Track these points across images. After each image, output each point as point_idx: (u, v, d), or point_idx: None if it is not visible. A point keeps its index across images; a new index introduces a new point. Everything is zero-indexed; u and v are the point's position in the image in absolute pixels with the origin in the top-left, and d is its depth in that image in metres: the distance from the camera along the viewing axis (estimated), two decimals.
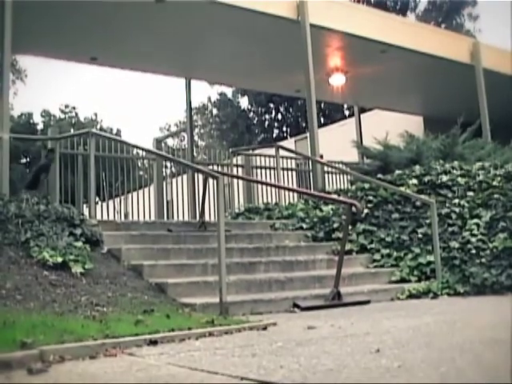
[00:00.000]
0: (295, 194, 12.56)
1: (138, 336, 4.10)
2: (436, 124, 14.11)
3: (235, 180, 12.49)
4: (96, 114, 42.95)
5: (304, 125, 29.97)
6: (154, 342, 4.05)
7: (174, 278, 6.37)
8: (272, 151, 12.05)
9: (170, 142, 38.55)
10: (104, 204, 11.78)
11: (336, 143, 16.35)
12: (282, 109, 34.83)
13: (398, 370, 2.97)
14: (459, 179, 9.11)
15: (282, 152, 11.94)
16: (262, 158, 13.37)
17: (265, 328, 4.78)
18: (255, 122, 35.57)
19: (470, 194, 8.81)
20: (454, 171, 9.35)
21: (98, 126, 39.61)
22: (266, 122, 35.46)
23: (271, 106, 34.23)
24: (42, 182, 10.20)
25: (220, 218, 5.93)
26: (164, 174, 13.88)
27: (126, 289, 5.94)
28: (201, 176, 10.82)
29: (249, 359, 3.45)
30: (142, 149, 11.09)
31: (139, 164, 16.54)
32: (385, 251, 8.38)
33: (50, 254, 5.97)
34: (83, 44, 11.77)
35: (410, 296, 7.24)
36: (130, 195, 12.81)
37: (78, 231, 6.69)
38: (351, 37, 12.25)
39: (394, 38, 12.89)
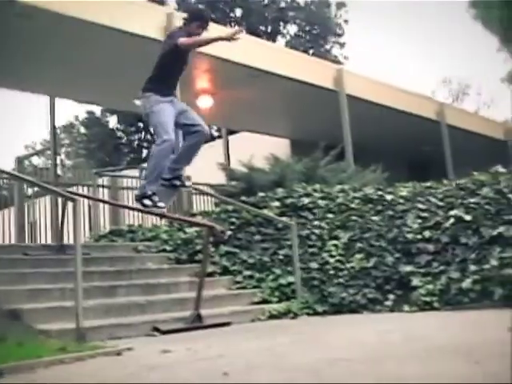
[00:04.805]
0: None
1: None
2: (302, 147, 14.42)
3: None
4: None
5: None
6: None
7: (30, 304, 6.14)
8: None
9: (37, 160, 37.31)
10: None
11: (205, 164, 16.38)
12: (151, 129, 34.52)
13: None
14: (320, 201, 9.30)
15: None
16: (129, 180, 13.22)
17: (119, 353, 4.70)
18: (124, 141, 35.06)
19: (330, 215, 9.01)
20: (315, 194, 9.52)
21: None
22: (136, 142, 35.04)
23: (140, 125, 33.86)
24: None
25: (77, 241, 5.80)
26: (28, 193, 13.40)
27: None
28: None
29: None
30: None
31: (1, 183, 15.84)
32: (247, 273, 8.46)
33: None
34: None
35: (271, 317, 7.33)
36: None
37: None
38: (219, 60, 12.37)
39: (262, 63, 13.12)
